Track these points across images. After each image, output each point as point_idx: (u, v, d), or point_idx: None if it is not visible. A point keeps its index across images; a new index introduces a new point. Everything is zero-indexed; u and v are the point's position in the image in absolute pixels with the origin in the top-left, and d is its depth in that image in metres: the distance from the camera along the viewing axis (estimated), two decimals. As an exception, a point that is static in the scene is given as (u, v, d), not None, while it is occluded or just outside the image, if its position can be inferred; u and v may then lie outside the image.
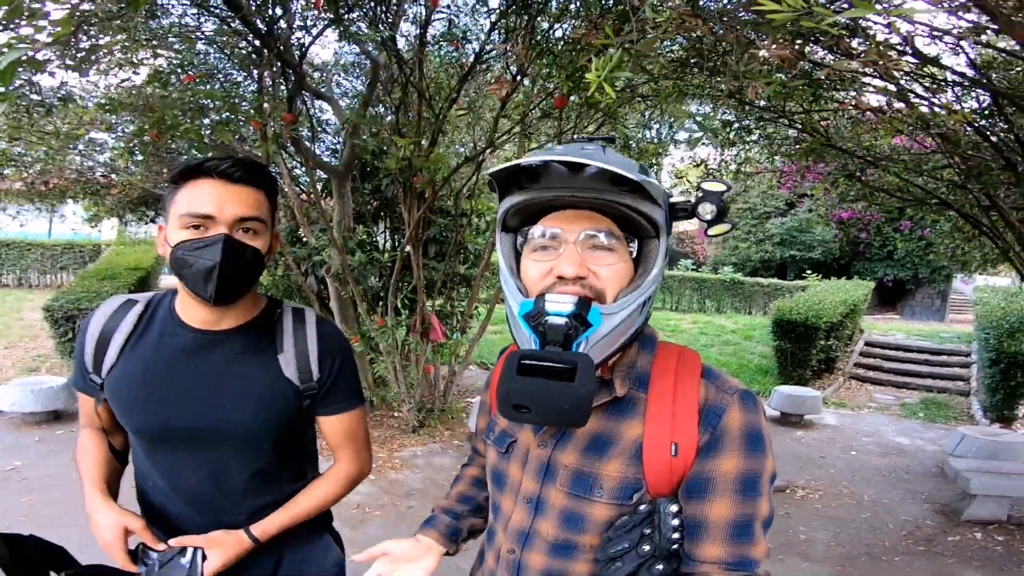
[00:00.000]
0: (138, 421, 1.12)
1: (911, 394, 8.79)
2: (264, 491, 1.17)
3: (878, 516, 4.32)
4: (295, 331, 1.17)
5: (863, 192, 4.46)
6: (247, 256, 1.04)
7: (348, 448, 1.25)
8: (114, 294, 7.44)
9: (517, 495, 0.89)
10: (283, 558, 1.23)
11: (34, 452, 4.77)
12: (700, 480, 0.78)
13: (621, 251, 0.80)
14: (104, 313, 1.15)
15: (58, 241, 12.00)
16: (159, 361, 1.11)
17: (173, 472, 1.14)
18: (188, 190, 1.03)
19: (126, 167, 6.19)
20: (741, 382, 0.84)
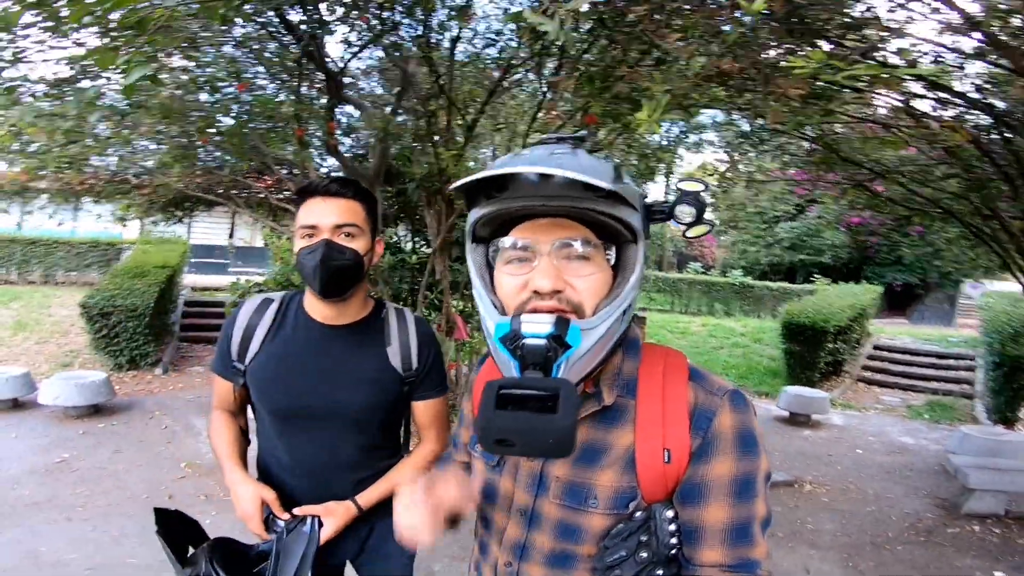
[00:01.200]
0: (275, 401, 1.35)
1: (917, 396, 8.95)
2: (367, 465, 1.40)
3: (882, 509, 4.52)
4: (399, 327, 1.40)
5: (870, 201, 4.67)
6: (347, 255, 1.27)
7: (434, 429, 1.47)
8: (144, 291, 7.75)
9: (510, 509, 0.88)
10: (374, 528, 1.45)
11: (80, 444, 4.97)
12: (695, 485, 0.77)
13: (598, 260, 0.77)
14: (248, 310, 1.40)
15: (84, 239, 12.34)
16: (293, 350, 1.35)
17: (297, 447, 1.36)
18: (302, 208, 1.29)
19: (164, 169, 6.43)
20: (728, 381, 0.83)
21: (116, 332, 7.42)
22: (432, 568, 3.26)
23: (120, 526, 3.52)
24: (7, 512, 3.66)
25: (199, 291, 11.62)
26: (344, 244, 1.27)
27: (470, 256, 0.86)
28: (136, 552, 3.20)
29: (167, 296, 8.75)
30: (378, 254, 1.39)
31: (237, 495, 1.33)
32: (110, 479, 4.27)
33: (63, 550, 3.24)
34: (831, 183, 4.64)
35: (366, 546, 1.46)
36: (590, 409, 0.82)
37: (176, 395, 6.75)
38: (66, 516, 3.65)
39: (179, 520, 1.35)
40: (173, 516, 1.34)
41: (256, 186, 7.32)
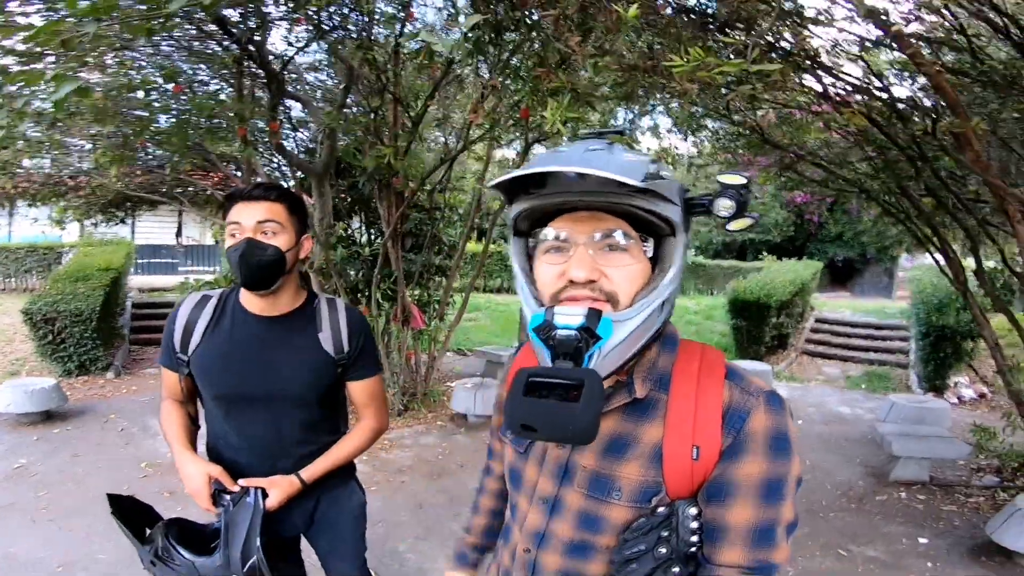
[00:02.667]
0: (219, 388, 1.48)
1: (856, 367, 9.40)
2: (310, 440, 1.53)
3: (817, 478, 4.76)
4: (330, 314, 1.54)
5: (798, 182, 4.95)
6: (268, 251, 1.39)
7: (371, 406, 1.61)
8: (88, 295, 7.53)
9: (533, 495, 0.89)
10: (320, 500, 1.60)
11: (37, 450, 4.91)
12: (722, 484, 0.76)
13: (635, 251, 0.78)
14: (188, 305, 1.52)
15: (21, 244, 11.80)
16: (233, 341, 1.47)
17: (243, 427, 1.49)
18: (230, 211, 1.42)
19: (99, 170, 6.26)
20: (766, 383, 0.81)
21: (62, 338, 7.22)
22: (396, 548, 3.37)
23: (86, 525, 3.54)
24: None
25: (148, 292, 11.29)
26: (266, 241, 1.39)
27: (512, 248, 0.87)
28: (104, 548, 3.23)
29: (113, 299, 8.49)
30: (306, 249, 1.51)
31: (186, 474, 1.44)
32: (71, 482, 4.27)
33: (33, 549, 3.27)
34: (764, 166, 4.90)
35: (314, 518, 1.60)
36: (621, 401, 0.81)
37: (130, 398, 6.63)
38: (30, 518, 3.65)
39: (133, 504, 1.46)
40: (127, 501, 1.44)
41: (202, 183, 7.19)
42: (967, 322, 7.34)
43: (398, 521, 3.70)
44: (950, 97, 2.32)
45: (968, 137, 2.37)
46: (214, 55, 4.00)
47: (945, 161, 3.60)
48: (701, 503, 0.78)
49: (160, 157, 6.02)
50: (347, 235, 6.29)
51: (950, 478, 4.79)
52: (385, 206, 5.07)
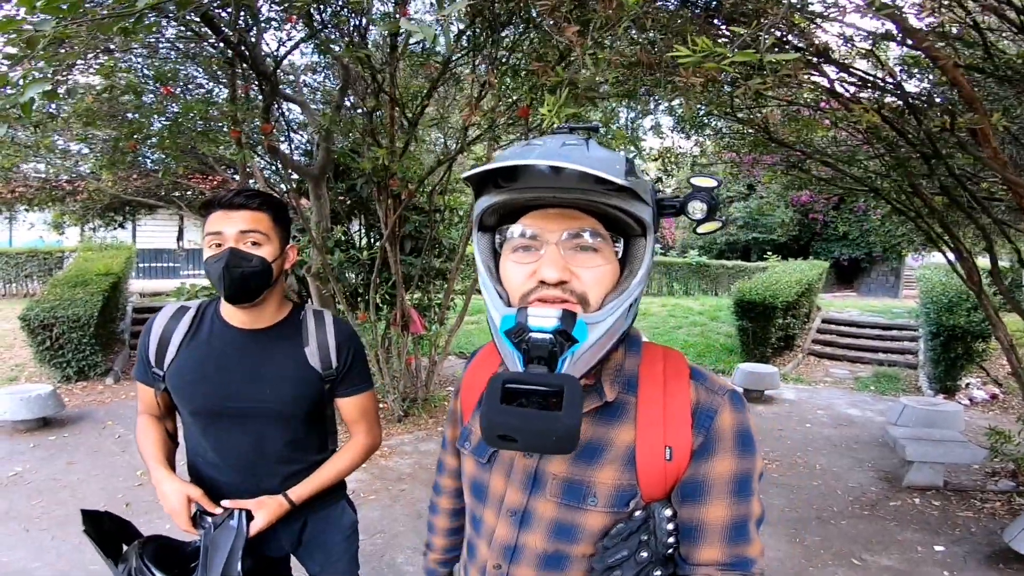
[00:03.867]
0: (196, 403, 1.38)
1: (864, 368, 9.29)
2: (295, 459, 1.44)
3: (828, 483, 4.66)
4: (317, 328, 1.44)
5: (805, 181, 4.85)
6: (252, 262, 1.31)
7: (362, 423, 1.52)
8: (87, 300, 7.49)
9: (500, 508, 0.86)
10: (308, 521, 1.51)
11: (32, 457, 4.89)
12: (695, 483, 0.77)
13: (606, 252, 0.76)
14: (164, 317, 1.43)
15: (21, 249, 11.78)
16: (211, 355, 1.38)
17: (223, 445, 1.40)
18: (208, 219, 1.33)
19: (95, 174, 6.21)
20: (728, 381, 0.83)
21: (60, 344, 7.20)
22: (395, 559, 3.28)
23: (79, 534, 3.46)
24: None
25: (149, 296, 11.25)
26: (249, 251, 1.31)
27: (476, 244, 0.83)
28: (97, 559, 3.17)
29: (113, 304, 8.47)
30: (291, 260, 1.42)
31: (162, 492, 1.36)
32: (65, 490, 4.24)
33: (25, 559, 3.23)
34: (769, 164, 4.80)
35: (302, 538, 1.52)
36: (591, 405, 0.80)
37: (128, 404, 6.59)
38: (24, 527, 3.62)
39: (110, 520, 1.40)
40: (103, 516, 1.38)
41: (200, 187, 7.12)
42: (978, 322, 7.22)
43: (397, 531, 3.60)
44: (967, 92, 2.25)
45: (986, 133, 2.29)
46: (207, 56, 3.92)
47: (959, 158, 3.51)
48: (675, 503, 0.78)
49: (156, 161, 5.96)
50: (345, 238, 6.21)
51: (965, 483, 4.67)
52: (383, 208, 4.98)
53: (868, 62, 3.01)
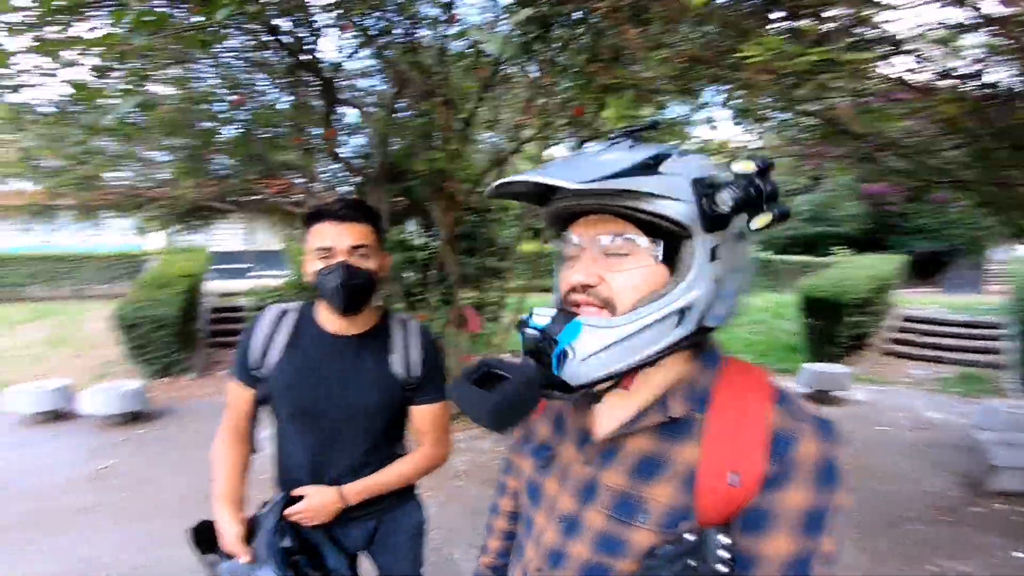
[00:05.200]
0: (293, 406, 1.46)
1: (946, 368, 8.71)
2: (371, 463, 1.50)
3: (903, 488, 4.43)
4: (402, 337, 1.50)
5: (878, 173, 4.57)
6: (362, 276, 1.37)
7: (432, 434, 1.56)
8: (169, 300, 7.98)
9: (552, 512, 0.85)
10: (380, 522, 1.58)
11: (121, 451, 5.21)
12: (760, 513, 0.71)
13: (640, 255, 0.73)
14: (268, 319, 1.50)
15: (109, 253, 12.73)
16: (309, 358, 1.46)
17: (310, 447, 1.47)
18: (314, 230, 1.38)
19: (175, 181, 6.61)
20: (815, 409, 0.76)
21: (147, 342, 7.66)
22: (452, 554, 3.35)
23: (162, 528, 3.70)
24: (56, 519, 3.87)
25: (222, 297, 11.82)
26: (360, 265, 1.36)
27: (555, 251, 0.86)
28: (177, 553, 3.33)
29: (192, 304, 8.89)
30: (386, 268, 1.48)
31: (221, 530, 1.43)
32: (150, 484, 4.48)
33: (110, 553, 3.42)
34: (837, 157, 4.55)
35: (374, 538, 1.58)
36: (654, 420, 0.77)
37: (207, 399, 6.96)
38: (112, 520, 3.84)
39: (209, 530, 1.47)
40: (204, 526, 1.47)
41: (266, 192, 7.47)
42: (1077, 319, 6.60)
43: (453, 527, 3.67)
44: None
45: None
46: (270, 65, 4.10)
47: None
48: (735, 532, 0.72)
49: (227, 167, 6.28)
50: (403, 239, 6.36)
51: (1055, 491, 4.33)
52: (439, 209, 5.07)
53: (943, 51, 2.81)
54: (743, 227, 0.73)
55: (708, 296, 0.73)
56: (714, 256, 0.72)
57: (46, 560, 3.35)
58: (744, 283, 0.78)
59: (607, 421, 0.83)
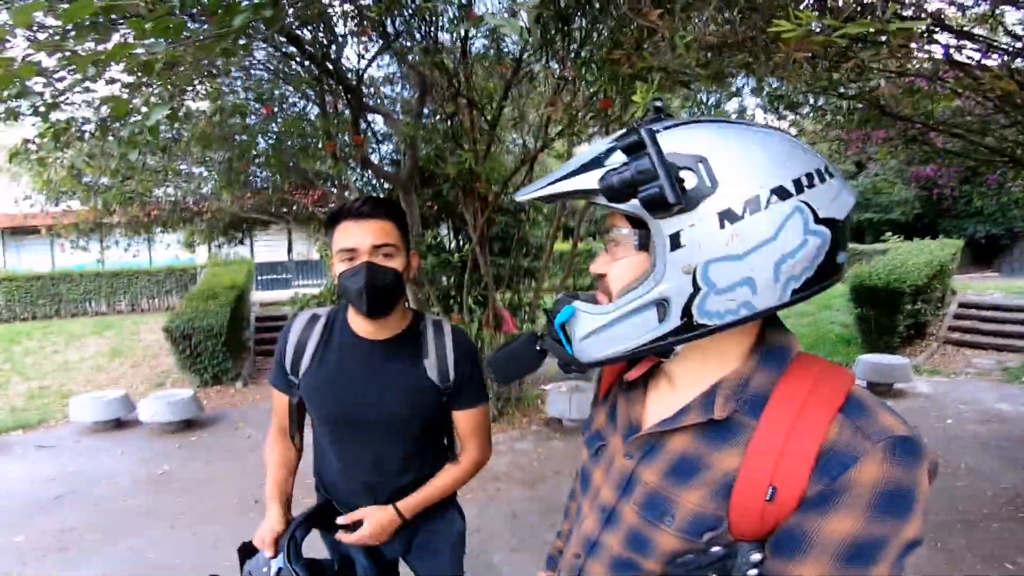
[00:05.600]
0: (326, 411, 1.44)
1: (1013, 357, 8.18)
2: (410, 471, 1.46)
3: (975, 484, 4.18)
4: (436, 339, 1.45)
5: (928, 154, 4.31)
6: (387, 276, 1.31)
7: (475, 439, 1.51)
8: (218, 311, 8.28)
9: (595, 501, 0.85)
10: (418, 530, 1.53)
11: (177, 457, 5.42)
12: (795, 535, 0.64)
13: (627, 246, 0.72)
14: (299, 325, 1.48)
15: (160, 267, 13.31)
16: (341, 364, 1.42)
17: (346, 454, 1.45)
18: (337, 232, 1.34)
19: (216, 194, 6.84)
20: (902, 425, 0.64)
21: (198, 352, 7.98)
22: (491, 559, 3.32)
23: (215, 531, 3.83)
24: (119, 521, 4.05)
25: (267, 307, 12.21)
26: (384, 264, 1.31)
27: None
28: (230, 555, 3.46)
29: (239, 314, 9.24)
30: (413, 268, 1.42)
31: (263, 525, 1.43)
32: (205, 488, 4.63)
33: (169, 556, 3.56)
34: (882, 140, 4.32)
35: (412, 545, 1.56)
36: (695, 419, 0.72)
37: (256, 406, 7.17)
38: (170, 524, 3.99)
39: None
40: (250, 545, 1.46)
41: (303, 202, 7.64)
42: None
43: (492, 531, 3.64)
44: None
45: None
46: (296, 75, 4.17)
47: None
48: (768, 552, 0.66)
49: (264, 179, 6.45)
50: (436, 243, 6.39)
51: None
52: (470, 211, 5.06)
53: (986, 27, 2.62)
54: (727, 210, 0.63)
55: (683, 288, 0.66)
56: (677, 244, 0.65)
57: (113, 562, 3.49)
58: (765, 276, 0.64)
59: (655, 414, 0.80)
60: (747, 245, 0.63)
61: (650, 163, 0.60)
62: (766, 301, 0.65)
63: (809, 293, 0.66)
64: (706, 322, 0.67)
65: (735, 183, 0.63)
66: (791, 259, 0.64)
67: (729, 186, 0.63)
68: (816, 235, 0.64)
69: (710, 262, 0.64)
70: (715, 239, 0.63)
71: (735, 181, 0.63)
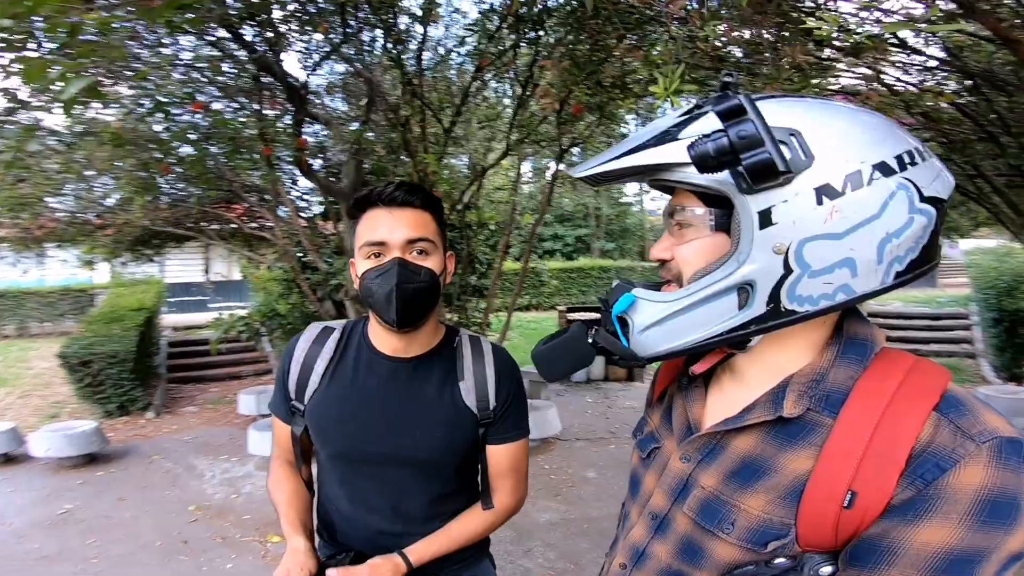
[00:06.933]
0: (336, 446, 1.18)
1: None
2: (439, 517, 1.20)
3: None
4: (474, 359, 1.21)
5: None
6: (422, 277, 1.08)
7: (510, 479, 1.25)
8: (123, 336, 7.55)
9: (645, 507, 0.79)
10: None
11: (81, 494, 4.89)
12: (879, 545, 0.57)
13: (699, 226, 0.67)
14: (306, 341, 1.21)
15: (53, 288, 12.01)
16: (357, 387, 1.17)
17: (359, 496, 1.19)
18: (363, 222, 1.11)
19: (123, 206, 6.22)
20: (1008, 425, 0.58)
21: (100, 380, 7.35)
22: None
23: (140, 574, 3.47)
24: (18, 568, 3.58)
25: (181, 330, 11.40)
26: (419, 263, 1.09)
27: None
28: None
29: (148, 339, 8.63)
30: (450, 272, 1.20)
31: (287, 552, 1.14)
32: (119, 528, 4.20)
33: None
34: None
35: None
36: (760, 417, 0.66)
37: (172, 437, 6.65)
38: (80, 568, 3.56)
39: None
40: None
41: (227, 216, 7.11)
42: (1043, 305, 6.89)
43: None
44: None
45: None
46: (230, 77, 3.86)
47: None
48: (843, 564, 0.60)
49: (183, 189, 5.94)
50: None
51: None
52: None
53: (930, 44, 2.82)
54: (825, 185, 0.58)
55: (772, 270, 0.60)
56: (768, 221, 0.59)
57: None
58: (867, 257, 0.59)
59: (717, 414, 0.73)
60: (849, 223, 0.58)
61: (754, 128, 0.55)
62: (867, 284, 0.60)
63: (912, 276, 0.62)
64: (796, 307, 0.61)
65: (834, 158, 0.58)
66: (896, 239, 0.59)
67: (827, 160, 0.58)
68: (922, 214, 0.60)
69: (805, 241, 0.59)
70: (812, 216, 0.58)
71: (833, 156, 0.58)
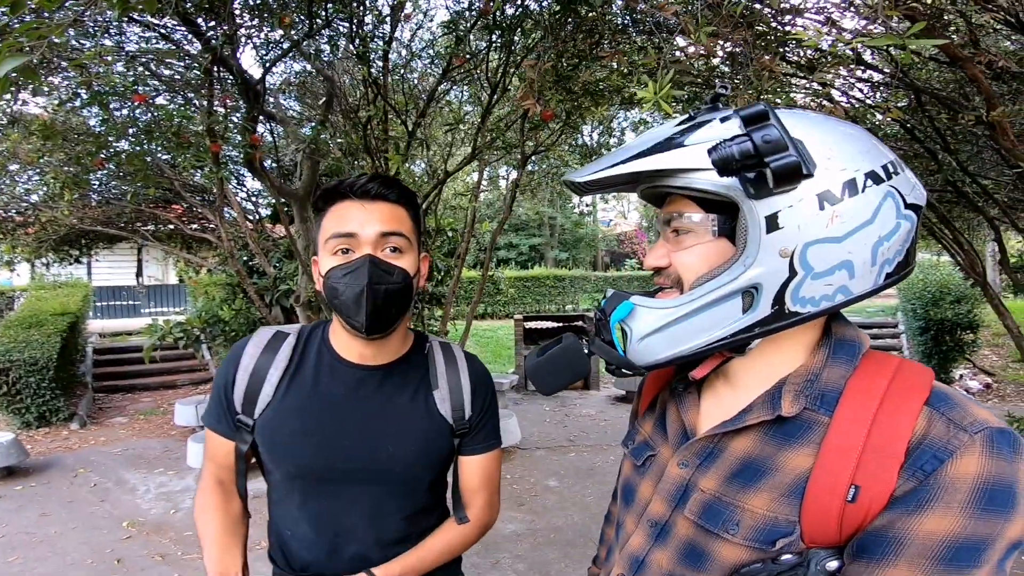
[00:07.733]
0: (296, 463, 1.06)
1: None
2: (413, 537, 1.11)
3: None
4: (447, 366, 1.14)
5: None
6: (395, 277, 1.00)
7: (485, 491, 1.19)
8: (44, 342, 7.01)
9: (642, 515, 0.78)
10: None
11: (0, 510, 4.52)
12: (885, 537, 0.58)
13: (699, 232, 0.69)
14: (256, 347, 1.09)
15: (-36, 290, 11.02)
16: (318, 398, 1.06)
17: (323, 519, 1.07)
18: (329, 215, 1.02)
19: (49, 202, 5.77)
20: (994, 417, 0.61)
21: (18, 388, 6.84)
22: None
23: None
24: None
25: (109, 337, 10.69)
26: (392, 262, 1.00)
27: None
28: None
29: (71, 345, 8.06)
30: (424, 275, 1.11)
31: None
32: (44, 545, 3.89)
33: None
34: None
35: None
36: (759, 417, 0.68)
37: (100, 450, 6.20)
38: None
39: None
40: None
41: (165, 216, 6.71)
42: (964, 314, 7.41)
43: None
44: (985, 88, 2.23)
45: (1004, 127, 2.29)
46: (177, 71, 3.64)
47: (962, 153, 3.54)
48: (848, 558, 0.61)
49: (117, 186, 5.57)
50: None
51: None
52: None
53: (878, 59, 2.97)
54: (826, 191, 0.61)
55: (777, 273, 0.62)
56: (774, 226, 0.61)
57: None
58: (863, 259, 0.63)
59: (712, 418, 0.75)
60: (847, 227, 0.62)
61: (778, 133, 0.57)
62: (863, 285, 0.64)
63: (898, 278, 0.66)
64: (799, 309, 0.64)
65: (832, 166, 0.62)
66: (887, 242, 0.63)
67: (826, 168, 0.61)
68: (907, 219, 0.64)
69: (809, 244, 0.62)
70: (815, 220, 0.61)
71: (832, 164, 0.62)
